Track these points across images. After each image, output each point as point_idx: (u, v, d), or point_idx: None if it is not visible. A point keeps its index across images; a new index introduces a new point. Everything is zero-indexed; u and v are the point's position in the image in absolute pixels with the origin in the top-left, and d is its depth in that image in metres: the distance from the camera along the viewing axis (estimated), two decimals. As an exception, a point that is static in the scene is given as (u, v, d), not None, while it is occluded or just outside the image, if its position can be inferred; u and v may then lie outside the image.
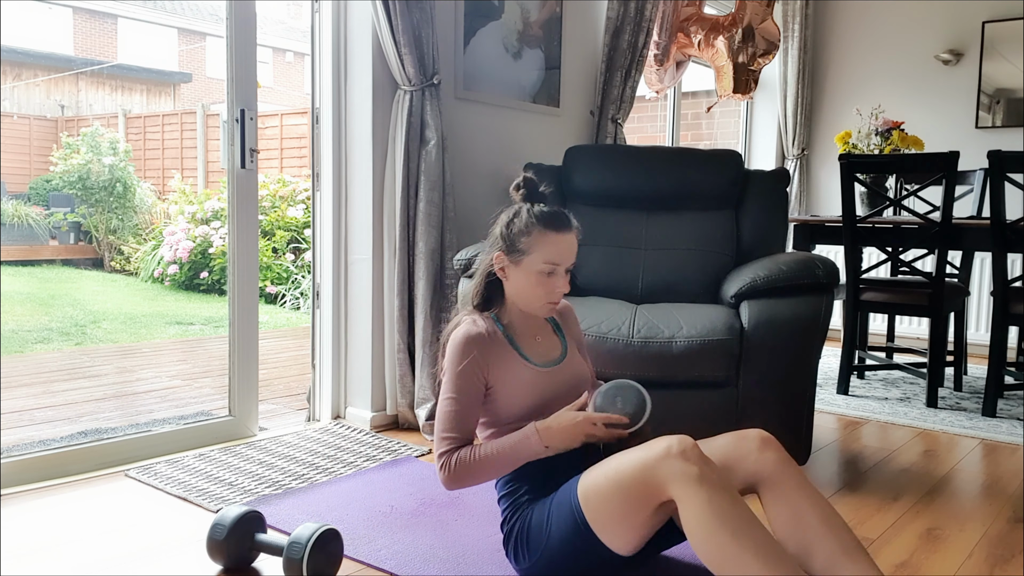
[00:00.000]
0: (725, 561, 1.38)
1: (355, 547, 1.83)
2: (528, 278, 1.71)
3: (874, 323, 4.85)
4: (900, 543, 1.97)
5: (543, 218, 1.70)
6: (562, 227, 1.70)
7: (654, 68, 4.09)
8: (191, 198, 8.09)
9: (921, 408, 3.35)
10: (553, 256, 1.69)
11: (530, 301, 1.73)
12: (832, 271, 2.43)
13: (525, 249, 1.69)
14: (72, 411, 3.20)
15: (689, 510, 1.42)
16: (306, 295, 6.61)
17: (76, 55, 14.65)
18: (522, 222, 1.71)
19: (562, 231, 1.70)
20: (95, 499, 2.12)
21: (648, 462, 1.47)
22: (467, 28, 3.08)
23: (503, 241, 1.73)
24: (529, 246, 1.69)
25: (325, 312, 2.92)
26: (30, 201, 9.26)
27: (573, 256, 1.72)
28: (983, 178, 3.99)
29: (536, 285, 1.71)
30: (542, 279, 1.70)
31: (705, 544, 1.40)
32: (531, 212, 1.71)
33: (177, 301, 6.91)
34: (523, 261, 1.70)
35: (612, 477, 1.52)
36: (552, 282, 1.71)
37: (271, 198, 7.44)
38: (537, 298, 1.72)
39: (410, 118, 2.74)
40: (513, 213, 1.74)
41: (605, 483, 1.52)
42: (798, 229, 3.77)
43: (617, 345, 2.33)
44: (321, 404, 2.94)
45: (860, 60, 5.06)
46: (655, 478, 1.45)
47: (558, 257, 1.70)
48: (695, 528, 1.41)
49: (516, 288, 1.73)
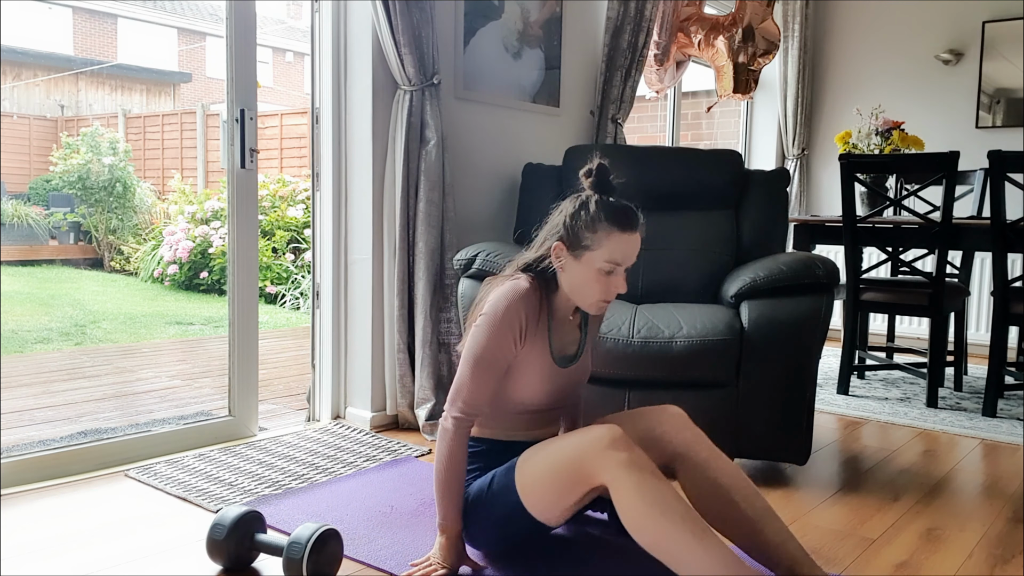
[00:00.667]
0: (658, 539, 1.47)
1: (355, 547, 1.83)
2: (586, 274, 1.65)
3: (874, 323, 4.85)
4: (900, 543, 1.97)
5: (613, 215, 1.63)
6: (631, 226, 1.64)
7: (654, 68, 4.09)
8: (191, 198, 8.09)
9: (921, 408, 3.35)
10: (617, 256, 1.63)
11: (584, 297, 1.68)
12: (832, 271, 2.43)
13: (589, 245, 1.63)
14: (72, 411, 3.20)
15: (621, 495, 1.50)
16: (306, 295, 6.61)
17: (76, 55, 14.66)
18: (589, 216, 1.63)
19: (630, 231, 1.64)
20: (95, 499, 2.12)
21: (581, 451, 1.56)
22: (467, 28, 3.07)
23: (566, 232, 1.65)
24: (594, 243, 1.63)
25: (325, 312, 2.92)
26: (30, 201, 9.26)
27: (635, 256, 1.67)
28: (983, 178, 3.99)
29: (594, 282, 1.65)
30: (601, 277, 1.65)
31: (638, 525, 1.49)
32: (600, 206, 1.64)
33: (177, 301, 6.91)
34: (584, 256, 1.64)
35: (548, 462, 1.61)
36: (611, 281, 1.66)
37: (271, 198, 7.44)
38: (592, 295, 1.67)
39: (410, 118, 2.74)
40: (580, 204, 1.66)
41: (541, 466, 1.62)
42: (798, 229, 3.77)
43: (617, 345, 2.33)
44: (321, 404, 2.94)
45: (860, 60, 5.06)
46: (588, 466, 1.54)
47: (622, 257, 1.64)
48: (628, 512, 1.50)
49: (571, 281, 1.68)
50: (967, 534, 2.04)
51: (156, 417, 3.12)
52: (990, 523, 2.12)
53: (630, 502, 1.49)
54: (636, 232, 1.65)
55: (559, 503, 1.61)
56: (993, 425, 3.11)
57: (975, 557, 1.90)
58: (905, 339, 4.87)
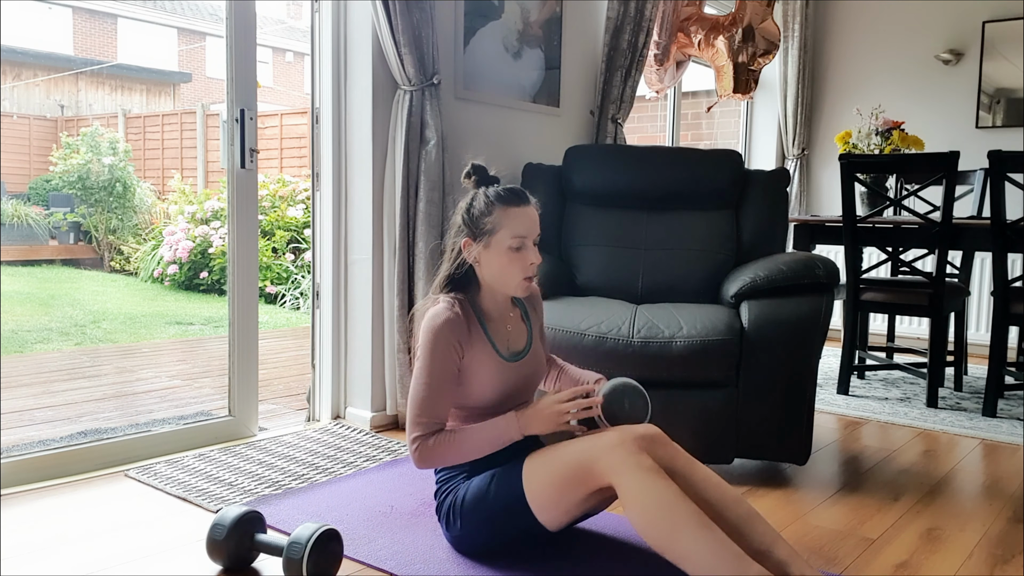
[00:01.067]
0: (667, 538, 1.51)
1: (355, 547, 1.83)
2: (500, 258, 1.76)
3: (874, 323, 4.85)
4: (900, 543, 1.97)
5: (502, 195, 1.76)
6: (521, 201, 1.77)
7: (654, 68, 4.09)
8: (191, 198, 8.09)
9: (921, 408, 3.35)
10: (519, 229, 1.75)
11: (507, 281, 1.78)
12: (832, 271, 2.43)
13: (492, 228, 1.75)
14: (72, 411, 3.20)
15: (629, 495, 1.56)
16: (306, 295, 6.61)
17: (76, 55, 14.66)
18: (481, 204, 1.77)
19: (522, 204, 1.77)
20: (95, 499, 2.12)
21: (593, 450, 1.62)
22: (467, 28, 3.07)
23: (467, 227, 1.78)
24: (495, 224, 1.74)
25: (325, 312, 2.92)
26: (30, 201, 9.26)
27: (537, 227, 1.79)
28: (983, 178, 3.99)
29: (510, 263, 1.76)
30: (513, 255, 1.75)
31: (647, 524, 1.53)
32: (487, 193, 1.78)
33: (177, 301, 6.91)
34: (492, 241, 1.75)
35: (558, 457, 1.66)
36: (524, 256, 1.76)
37: (271, 198, 7.44)
38: (513, 275, 1.77)
39: (410, 118, 2.74)
40: (471, 199, 1.80)
41: (551, 461, 1.66)
42: (798, 229, 3.77)
43: (617, 345, 2.33)
44: (321, 404, 2.94)
45: (860, 60, 5.06)
46: (597, 464, 1.60)
47: (524, 229, 1.75)
48: (636, 511, 1.54)
49: (490, 271, 1.78)
50: (967, 534, 2.04)
51: (156, 417, 3.12)
52: (990, 523, 2.12)
53: (638, 502, 1.54)
54: (529, 205, 1.78)
55: (562, 500, 1.65)
56: (993, 425, 3.11)
57: (975, 557, 1.90)
58: (905, 339, 4.87)
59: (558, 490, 1.64)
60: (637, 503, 1.54)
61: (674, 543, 1.50)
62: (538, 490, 1.66)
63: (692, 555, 1.48)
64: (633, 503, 1.55)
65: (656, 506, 1.52)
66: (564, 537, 1.91)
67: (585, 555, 1.82)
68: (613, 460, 1.58)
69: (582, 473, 1.62)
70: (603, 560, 1.80)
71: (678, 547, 1.50)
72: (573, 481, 1.63)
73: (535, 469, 1.67)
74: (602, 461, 1.59)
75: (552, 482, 1.65)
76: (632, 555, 1.83)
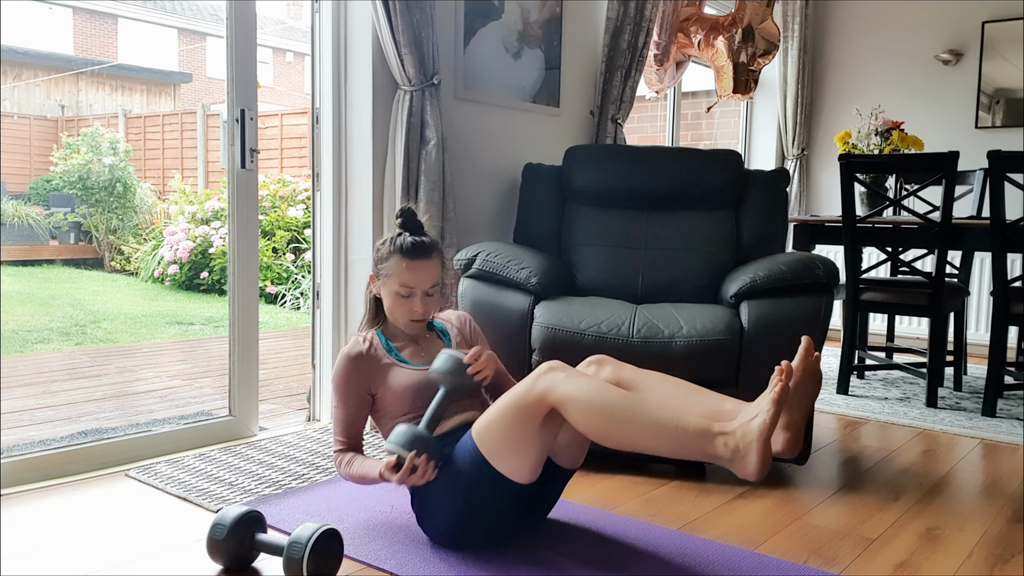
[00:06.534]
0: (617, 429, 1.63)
1: (355, 547, 1.83)
2: (388, 299, 1.96)
3: (874, 323, 4.85)
4: (900, 543, 1.97)
5: (401, 248, 1.92)
6: (418, 255, 1.92)
7: (654, 68, 4.09)
8: (191, 198, 8.09)
9: (921, 408, 3.35)
10: (409, 281, 1.92)
11: (396, 319, 1.97)
12: (832, 271, 2.43)
13: (387, 273, 1.94)
14: (72, 411, 3.20)
15: (571, 404, 1.64)
16: (306, 295, 6.61)
17: (76, 55, 14.66)
18: (385, 249, 1.95)
19: (418, 259, 1.92)
20: (95, 499, 2.12)
21: (527, 384, 1.70)
22: (467, 28, 3.08)
23: (374, 264, 1.98)
24: (388, 270, 1.93)
25: (325, 312, 2.92)
26: (30, 201, 9.26)
27: (431, 281, 1.94)
28: (983, 178, 3.99)
29: (396, 306, 1.95)
30: (399, 300, 1.94)
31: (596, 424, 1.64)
32: (393, 241, 1.94)
33: (177, 301, 6.91)
34: (386, 283, 1.95)
35: (498, 409, 1.73)
36: (409, 303, 1.94)
37: (271, 198, 7.44)
38: (400, 316, 1.96)
39: (410, 118, 2.74)
40: (384, 240, 1.98)
41: (494, 415, 1.73)
42: (798, 229, 3.77)
43: (617, 345, 2.33)
44: (321, 404, 2.94)
45: (860, 60, 5.07)
46: (535, 392, 1.68)
47: (413, 282, 1.92)
48: (584, 415, 1.64)
49: (387, 305, 1.98)
50: (967, 534, 2.04)
51: (156, 417, 3.12)
52: (990, 523, 2.12)
53: (582, 406, 1.64)
54: (427, 260, 1.93)
55: (519, 443, 1.70)
56: (993, 425, 3.11)
57: (975, 557, 1.90)
58: (905, 339, 4.87)
59: (510, 433, 1.70)
60: (580, 407, 1.63)
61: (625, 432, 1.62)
62: (493, 444, 1.71)
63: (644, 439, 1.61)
64: (576, 409, 1.64)
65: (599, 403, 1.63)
66: (564, 537, 1.91)
67: (585, 555, 1.82)
68: (547, 379, 1.68)
69: (525, 407, 1.68)
70: (603, 560, 1.80)
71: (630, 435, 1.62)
72: (520, 418, 1.69)
73: (483, 428, 1.73)
74: (538, 385, 1.68)
75: (502, 429, 1.70)
76: (632, 555, 1.83)
